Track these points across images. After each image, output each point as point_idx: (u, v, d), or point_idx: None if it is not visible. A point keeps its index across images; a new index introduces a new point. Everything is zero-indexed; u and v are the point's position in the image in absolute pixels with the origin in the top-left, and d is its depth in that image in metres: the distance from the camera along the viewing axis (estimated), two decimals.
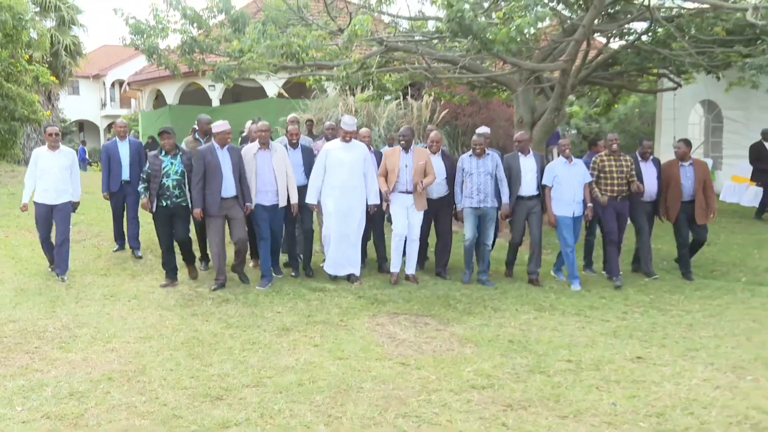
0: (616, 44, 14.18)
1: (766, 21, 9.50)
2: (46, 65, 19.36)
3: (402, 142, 8.49)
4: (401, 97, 16.40)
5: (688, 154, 9.07)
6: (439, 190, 8.77)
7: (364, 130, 9.27)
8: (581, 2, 11.88)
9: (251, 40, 9.12)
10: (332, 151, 8.29)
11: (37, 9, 20.83)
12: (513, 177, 8.70)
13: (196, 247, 8.76)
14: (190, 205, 7.92)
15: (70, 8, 23.70)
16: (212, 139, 8.05)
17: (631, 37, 13.39)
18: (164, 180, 7.83)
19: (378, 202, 8.50)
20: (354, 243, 8.44)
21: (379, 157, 9.00)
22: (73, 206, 8.38)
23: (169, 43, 11.80)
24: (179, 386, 5.06)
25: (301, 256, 8.95)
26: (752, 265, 9.39)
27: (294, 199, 8.34)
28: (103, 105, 43.65)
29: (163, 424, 4.43)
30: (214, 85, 22.64)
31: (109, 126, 40.04)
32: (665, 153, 16.37)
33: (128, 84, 27.78)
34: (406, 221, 8.49)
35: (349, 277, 8.48)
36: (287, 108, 16.76)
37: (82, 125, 43.17)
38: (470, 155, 8.57)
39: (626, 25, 13.18)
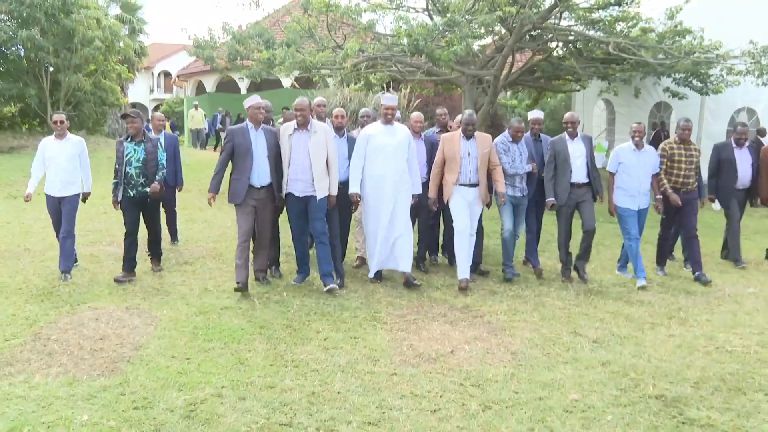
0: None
1: (618, 52, 11.96)
2: (125, 66, 21.83)
3: (469, 129, 6.55)
4: (385, 89, 18.69)
5: None
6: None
7: (415, 114, 7.29)
8: (508, 29, 14.18)
9: (279, 57, 11.35)
10: (373, 136, 6.43)
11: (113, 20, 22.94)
12: (560, 164, 6.80)
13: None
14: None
15: (139, 21, 26.39)
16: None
17: (545, 54, 15.74)
18: (127, 168, 6.48)
19: (420, 191, 6.72)
20: (403, 235, 6.51)
21: (430, 145, 7.18)
22: (83, 196, 6.92)
23: (218, 52, 14.04)
24: None
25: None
26: None
27: (333, 191, 6.32)
28: (151, 90, 46.06)
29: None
30: (243, 77, 24.81)
31: (156, 107, 42.15)
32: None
33: (177, 76, 29.94)
34: (468, 217, 6.57)
35: (407, 282, 6.57)
36: (298, 95, 19.00)
37: (135, 106, 45.40)
38: (509, 140, 6.93)
39: (545, 44, 15.56)
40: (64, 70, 18.08)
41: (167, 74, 44.41)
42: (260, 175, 6.18)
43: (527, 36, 14.51)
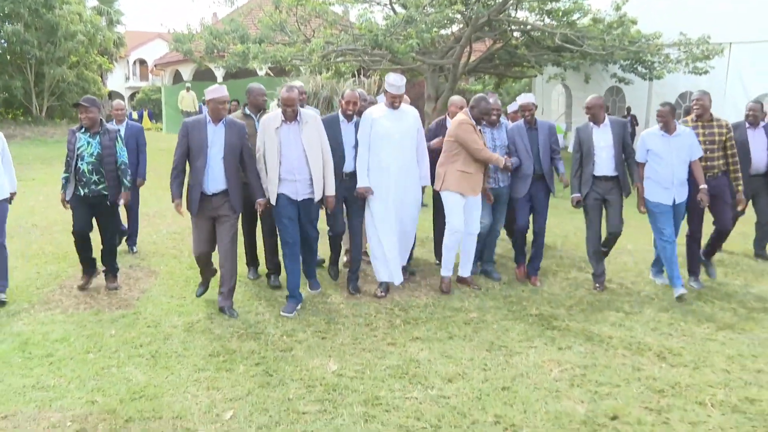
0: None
1: (562, 42, 13.50)
2: (104, 56, 23.19)
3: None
4: (356, 75, 20.16)
5: None
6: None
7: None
8: (465, 21, 15.70)
9: (252, 53, 12.77)
10: (377, 120, 5.84)
11: (91, 12, 24.11)
12: (585, 153, 6.29)
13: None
14: (108, 195, 5.92)
15: (116, 12, 27.68)
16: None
17: (503, 42, 17.27)
18: (79, 163, 5.77)
19: (429, 183, 6.28)
20: (409, 236, 6.30)
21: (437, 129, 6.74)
22: (10, 198, 6.06)
23: (195, 45, 15.41)
24: None
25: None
26: None
27: (330, 191, 5.63)
28: (127, 78, 47.26)
29: None
30: (219, 67, 26.10)
31: (132, 95, 43.23)
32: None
33: (155, 65, 31.14)
34: (463, 214, 6.13)
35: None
36: (273, 84, 20.36)
37: (110, 94, 46.46)
38: (484, 125, 6.39)
39: (503, 33, 17.08)
40: (48, 62, 19.50)
41: (143, 62, 45.64)
42: (213, 180, 5.31)
43: (485, 27, 16.04)
